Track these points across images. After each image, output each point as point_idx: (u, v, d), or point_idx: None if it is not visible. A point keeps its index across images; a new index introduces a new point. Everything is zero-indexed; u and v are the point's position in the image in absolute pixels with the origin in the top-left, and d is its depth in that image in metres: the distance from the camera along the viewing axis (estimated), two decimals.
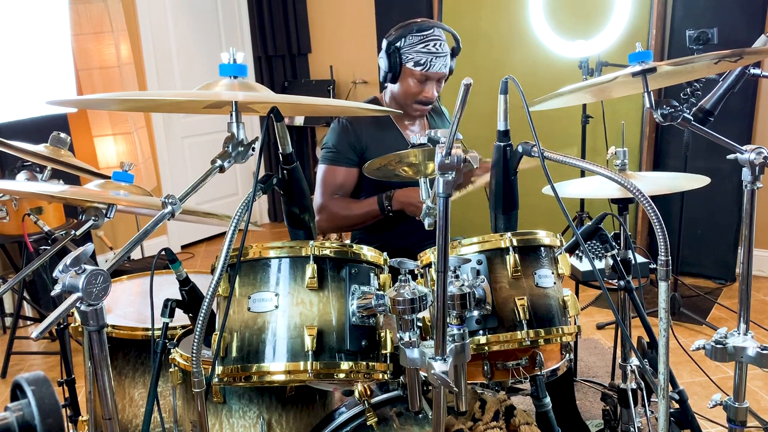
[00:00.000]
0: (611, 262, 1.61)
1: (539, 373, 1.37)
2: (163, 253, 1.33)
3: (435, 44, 2.01)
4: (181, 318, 1.41)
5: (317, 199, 2.12)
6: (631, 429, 1.72)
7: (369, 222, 2.10)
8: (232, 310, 1.22)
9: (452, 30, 2.11)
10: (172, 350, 1.41)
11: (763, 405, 2.42)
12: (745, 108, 3.48)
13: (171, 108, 1.61)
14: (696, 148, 3.04)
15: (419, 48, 2.01)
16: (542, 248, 1.37)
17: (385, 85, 2.16)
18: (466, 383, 1.14)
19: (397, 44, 2.04)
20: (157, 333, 1.35)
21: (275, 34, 5.10)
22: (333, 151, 2.12)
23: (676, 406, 1.72)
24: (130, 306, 1.82)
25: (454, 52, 2.13)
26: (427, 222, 1.45)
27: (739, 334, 1.35)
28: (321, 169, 2.14)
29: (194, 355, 1.12)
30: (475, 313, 1.26)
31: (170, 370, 1.41)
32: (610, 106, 3.43)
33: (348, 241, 2.17)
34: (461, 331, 1.07)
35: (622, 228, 1.67)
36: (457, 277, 1.13)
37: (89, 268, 0.95)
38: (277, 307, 1.20)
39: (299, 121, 4.83)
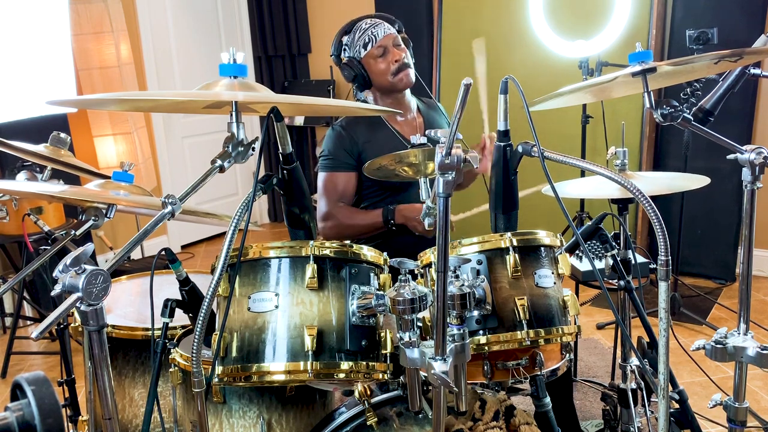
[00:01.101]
0: (611, 262, 1.61)
1: (539, 373, 1.37)
2: (163, 253, 1.33)
3: (364, 22, 2.09)
4: (181, 318, 1.41)
5: (322, 207, 2.13)
6: (631, 429, 1.72)
7: (372, 233, 2.12)
8: (232, 310, 1.22)
9: (385, 14, 2.16)
10: (171, 350, 1.41)
11: (763, 405, 2.42)
12: (745, 108, 3.48)
13: (171, 108, 1.61)
14: (696, 148, 3.04)
15: (357, 37, 2.08)
16: (542, 248, 1.37)
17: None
18: (466, 383, 1.14)
19: (344, 53, 2.12)
20: (157, 333, 1.35)
21: (275, 34, 5.09)
22: (330, 158, 2.13)
23: (676, 406, 1.72)
24: (130, 306, 1.82)
25: (398, 29, 2.16)
26: (427, 222, 1.45)
27: (739, 334, 1.35)
28: (321, 177, 2.16)
29: (194, 355, 1.12)
30: (475, 313, 1.26)
31: (170, 370, 1.41)
32: (610, 106, 3.43)
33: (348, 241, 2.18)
34: (461, 331, 1.07)
35: (622, 228, 1.67)
36: (457, 277, 1.13)
37: (89, 268, 0.95)
38: (277, 307, 1.20)
39: (299, 121, 4.83)
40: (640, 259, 2.45)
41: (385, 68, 2.08)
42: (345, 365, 1.19)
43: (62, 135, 1.75)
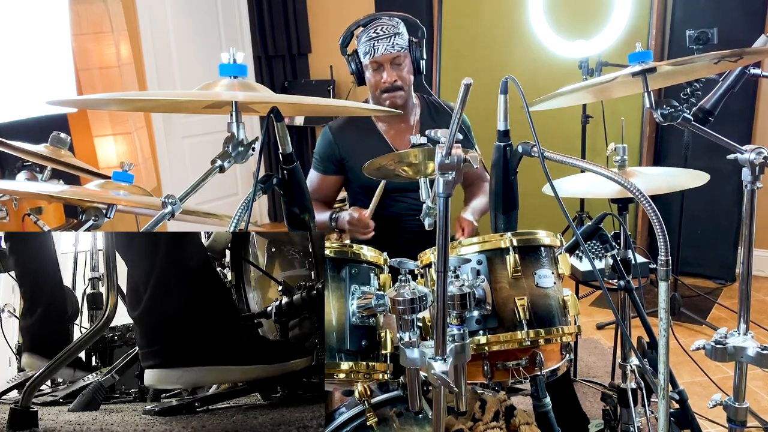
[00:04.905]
0: (611, 262, 1.61)
1: (539, 373, 1.37)
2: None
3: (375, 29, 2.03)
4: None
5: None
6: (631, 429, 1.72)
7: (323, 230, 2.20)
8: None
9: (408, 16, 2.13)
10: None
11: (763, 405, 2.42)
12: (745, 108, 3.47)
13: (171, 108, 1.61)
14: (696, 148, 3.04)
15: (363, 40, 2.06)
16: (542, 248, 1.37)
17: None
18: (466, 383, 1.14)
19: (353, 46, 2.10)
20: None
21: (275, 34, 5.09)
22: (317, 159, 2.27)
23: (676, 406, 1.72)
24: None
25: (420, 36, 2.14)
26: (427, 222, 1.45)
27: (739, 334, 1.35)
28: (310, 172, 2.29)
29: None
30: (475, 313, 1.26)
31: None
32: (610, 105, 3.42)
33: (348, 241, 2.19)
34: (461, 331, 1.07)
35: (622, 228, 1.66)
36: (457, 277, 1.13)
37: None
38: None
39: (299, 121, 4.83)
40: (640, 259, 2.45)
41: (376, 83, 2.08)
42: (345, 365, 1.19)
43: (62, 135, 1.76)
